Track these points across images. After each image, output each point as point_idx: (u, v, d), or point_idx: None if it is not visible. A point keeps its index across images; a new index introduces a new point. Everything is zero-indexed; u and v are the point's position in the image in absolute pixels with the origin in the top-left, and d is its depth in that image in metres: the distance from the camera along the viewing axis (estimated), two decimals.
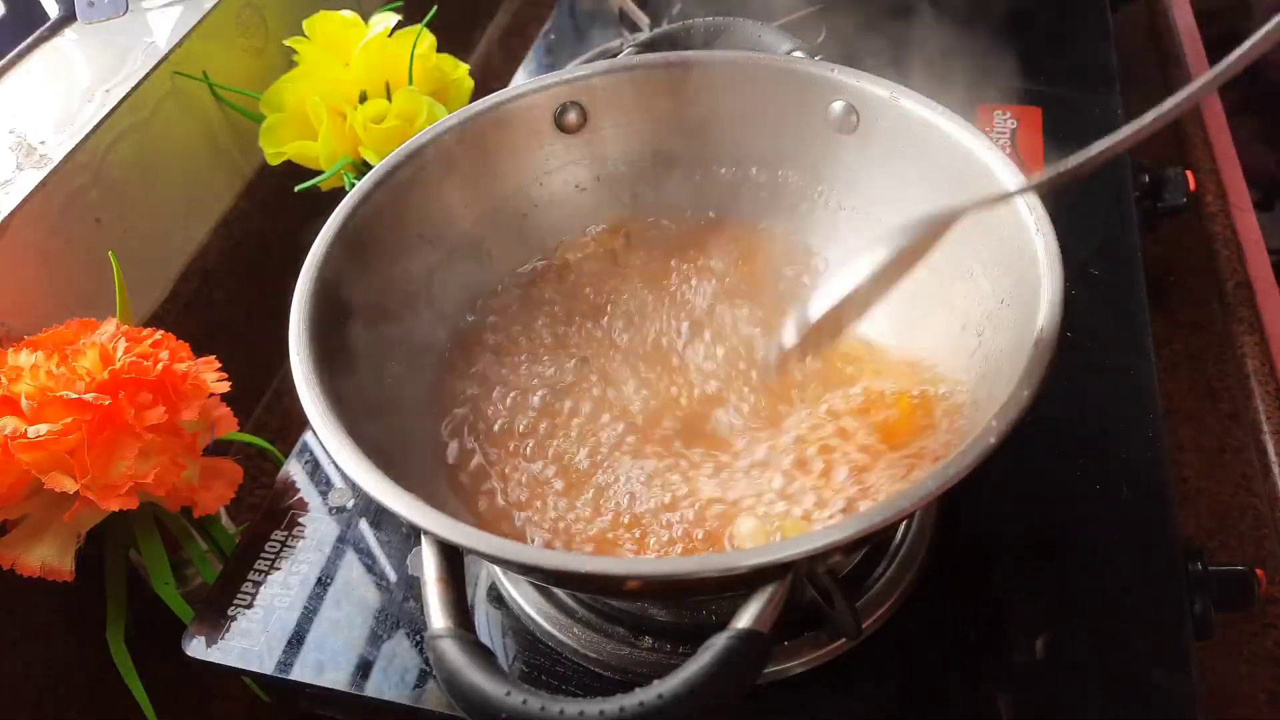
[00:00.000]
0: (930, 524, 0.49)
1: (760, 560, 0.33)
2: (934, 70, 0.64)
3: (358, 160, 0.70)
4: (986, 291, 0.46)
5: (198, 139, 0.72)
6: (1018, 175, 0.44)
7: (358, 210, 0.48)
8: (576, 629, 0.47)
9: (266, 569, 0.52)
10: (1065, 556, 0.48)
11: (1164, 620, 0.46)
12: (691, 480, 0.46)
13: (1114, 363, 0.56)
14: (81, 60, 0.69)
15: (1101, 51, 0.79)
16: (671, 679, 0.31)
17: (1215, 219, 0.79)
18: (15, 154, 0.60)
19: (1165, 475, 0.51)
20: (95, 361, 0.49)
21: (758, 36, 0.61)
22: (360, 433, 0.39)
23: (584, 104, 0.55)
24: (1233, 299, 0.73)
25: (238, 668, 0.48)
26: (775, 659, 0.45)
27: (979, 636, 0.46)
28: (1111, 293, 0.60)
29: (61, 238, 0.60)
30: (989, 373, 0.44)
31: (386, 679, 0.47)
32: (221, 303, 0.73)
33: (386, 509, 0.36)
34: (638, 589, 0.39)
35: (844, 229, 0.55)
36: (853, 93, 0.51)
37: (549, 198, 0.56)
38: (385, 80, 0.71)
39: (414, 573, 0.51)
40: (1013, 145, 0.71)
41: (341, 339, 0.45)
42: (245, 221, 0.75)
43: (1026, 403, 0.36)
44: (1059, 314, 0.39)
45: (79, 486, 0.47)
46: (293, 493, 0.56)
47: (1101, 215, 0.65)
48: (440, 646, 0.34)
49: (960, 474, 0.34)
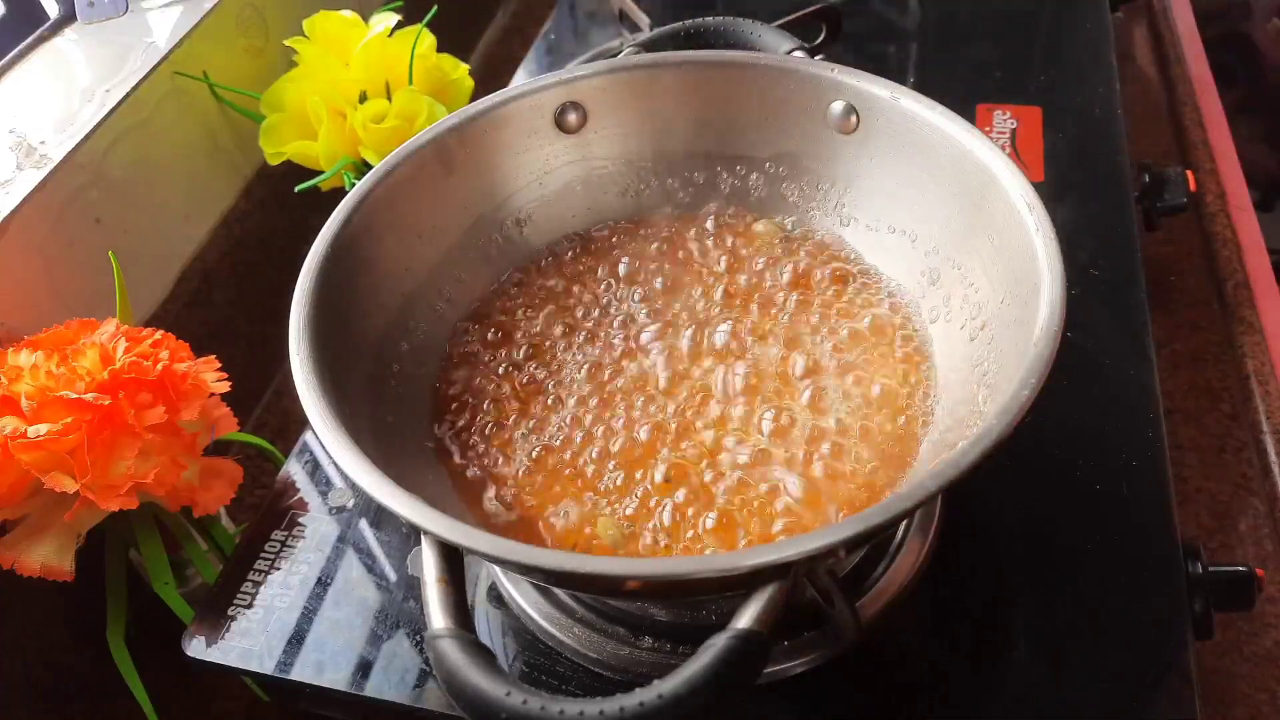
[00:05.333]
0: (930, 524, 0.49)
1: (760, 560, 0.33)
2: (935, 70, 0.64)
3: (358, 160, 0.70)
4: (986, 291, 0.46)
5: (198, 139, 0.72)
6: (1018, 175, 0.44)
7: (358, 210, 0.48)
8: (576, 629, 0.47)
9: (266, 569, 0.52)
10: (1065, 556, 0.48)
11: (1164, 620, 0.46)
12: (697, 481, 0.46)
13: (1114, 363, 0.56)
14: (81, 60, 0.69)
15: (1101, 51, 0.79)
16: (671, 679, 0.31)
17: (1215, 219, 0.79)
18: (15, 154, 0.60)
19: (1165, 475, 0.51)
20: (95, 361, 0.49)
21: (758, 36, 0.61)
22: (360, 433, 0.39)
23: (584, 104, 0.55)
24: (1233, 299, 0.73)
25: (238, 668, 0.48)
26: (775, 659, 0.45)
27: (979, 636, 0.46)
28: (1111, 293, 0.60)
29: (61, 238, 0.60)
30: (989, 373, 0.44)
31: (386, 679, 0.47)
32: (221, 303, 0.73)
33: (386, 509, 0.36)
34: (638, 589, 0.39)
35: (843, 228, 0.55)
36: (853, 93, 0.51)
37: (549, 198, 0.56)
38: (385, 80, 0.71)
39: (414, 573, 0.51)
40: (1013, 145, 0.72)
41: (341, 339, 0.45)
42: (245, 221, 0.75)
43: (1026, 403, 0.36)
44: (1059, 314, 0.39)
45: (79, 486, 0.47)
46: (293, 493, 0.56)
47: (1101, 215, 0.65)
48: (440, 646, 0.34)
49: (960, 474, 0.34)
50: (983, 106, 0.74)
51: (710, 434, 0.47)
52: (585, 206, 0.57)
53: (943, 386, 0.48)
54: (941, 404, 0.47)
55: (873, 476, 0.45)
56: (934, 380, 0.48)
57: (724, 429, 0.47)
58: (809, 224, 0.56)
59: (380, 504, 0.36)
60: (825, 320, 0.52)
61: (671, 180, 0.58)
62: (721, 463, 0.46)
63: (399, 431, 0.47)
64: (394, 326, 0.50)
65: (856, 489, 0.45)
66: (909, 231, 0.52)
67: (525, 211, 0.56)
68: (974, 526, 0.50)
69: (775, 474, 0.45)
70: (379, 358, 0.48)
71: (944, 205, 0.49)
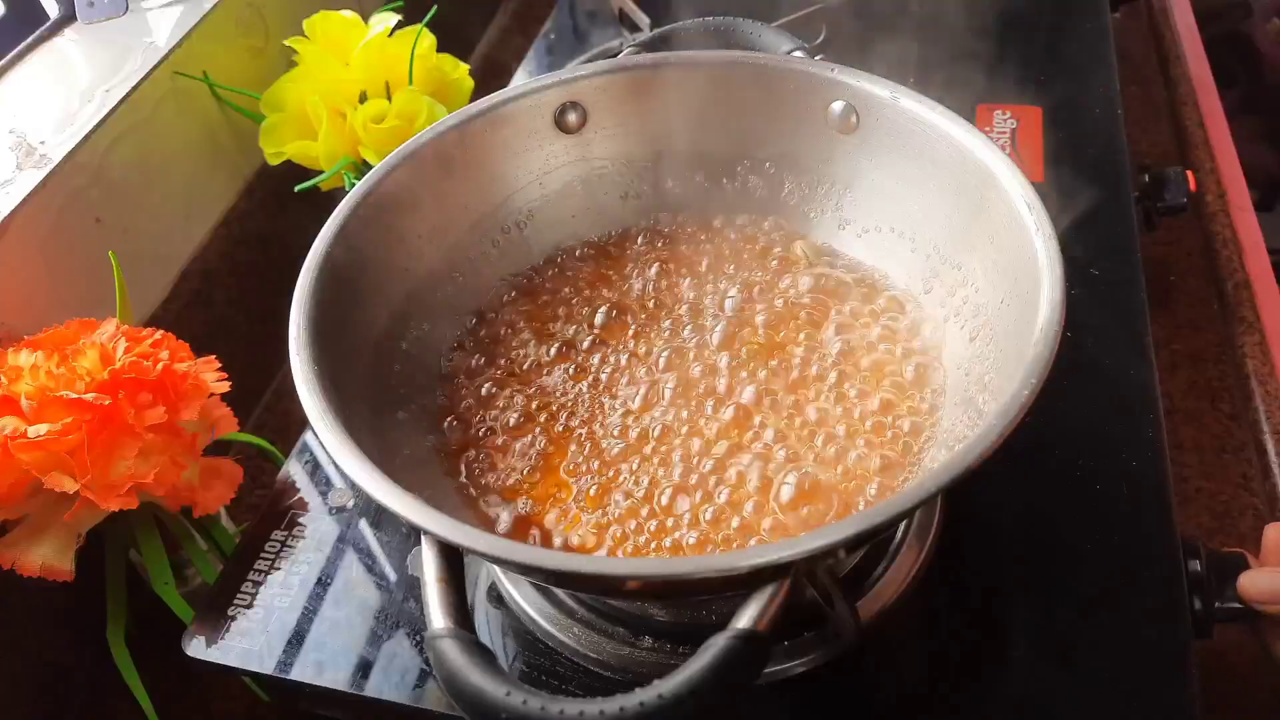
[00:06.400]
0: (930, 524, 0.49)
1: (760, 560, 0.33)
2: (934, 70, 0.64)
3: (358, 160, 0.70)
4: (986, 292, 0.46)
5: (198, 139, 0.72)
6: (1018, 175, 0.44)
7: (358, 210, 0.48)
8: (576, 629, 0.47)
9: (266, 569, 0.52)
10: (1065, 556, 0.48)
11: (1164, 620, 0.46)
12: (698, 482, 0.46)
13: (1114, 363, 0.56)
14: (81, 60, 0.69)
15: (1102, 51, 0.79)
16: (671, 679, 0.31)
17: (1215, 219, 0.79)
18: (15, 154, 0.60)
19: (1165, 475, 0.51)
20: (95, 361, 0.49)
21: (758, 36, 0.61)
22: (360, 433, 0.39)
23: (584, 104, 0.55)
24: (1233, 299, 0.73)
25: (238, 668, 0.48)
26: (775, 659, 0.45)
27: (979, 636, 0.46)
28: (1111, 293, 0.60)
29: (61, 238, 0.60)
30: (989, 373, 0.44)
31: (386, 679, 0.47)
32: (221, 303, 0.73)
33: (386, 509, 0.36)
34: (638, 589, 0.39)
35: (844, 229, 0.55)
36: (853, 93, 0.51)
37: (549, 198, 0.56)
38: (385, 80, 0.71)
39: (414, 573, 0.51)
40: (1013, 145, 0.71)
41: (341, 339, 0.45)
42: (245, 221, 0.75)
43: (1026, 403, 0.36)
44: (1059, 314, 0.39)
45: (79, 486, 0.47)
46: (293, 493, 0.56)
47: (1101, 215, 0.65)
48: (440, 646, 0.34)
49: (960, 474, 0.34)
50: (983, 106, 0.74)
51: (711, 435, 0.47)
52: (585, 206, 0.57)
53: (943, 387, 0.48)
54: (941, 404, 0.47)
55: (873, 477, 0.45)
56: (934, 381, 0.48)
57: (725, 430, 0.47)
58: (809, 224, 0.56)
59: (380, 504, 0.36)
60: (825, 321, 0.52)
61: (671, 180, 0.58)
62: (722, 463, 0.46)
63: (399, 431, 0.47)
64: (394, 326, 0.50)
65: (857, 489, 0.45)
66: (909, 231, 0.52)
67: (525, 211, 0.56)
68: (974, 526, 0.50)
69: (776, 474, 0.45)
70: (379, 358, 0.48)
71: (944, 205, 0.49)
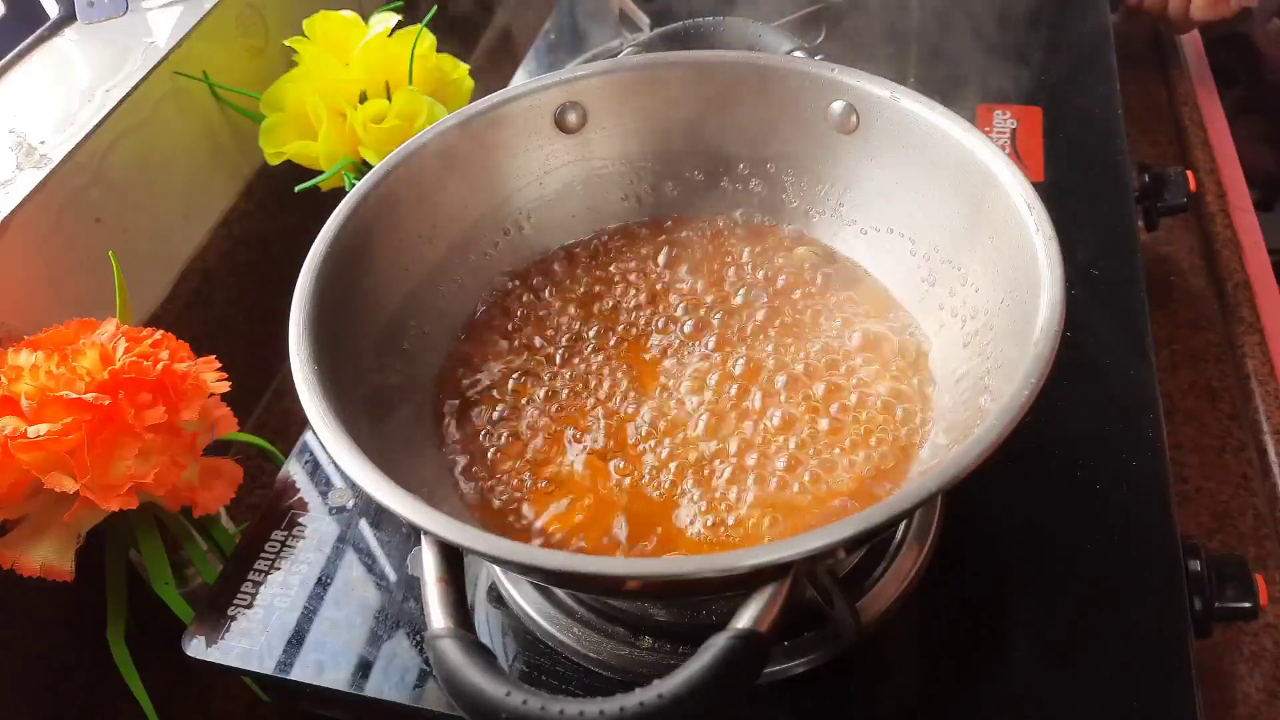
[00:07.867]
0: (930, 524, 0.49)
1: (760, 560, 0.33)
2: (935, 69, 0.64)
3: (358, 160, 0.70)
4: (986, 292, 0.46)
5: (198, 139, 0.72)
6: (1018, 175, 0.44)
7: (358, 210, 0.48)
8: (576, 629, 0.47)
9: (266, 569, 0.52)
10: (1065, 556, 0.48)
11: (1164, 620, 0.46)
12: (698, 483, 0.46)
13: (1114, 363, 0.56)
14: (81, 60, 0.69)
15: (1101, 51, 0.79)
16: (671, 679, 0.31)
17: (1215, 219, 0.79)
18: (15, 154, 0.60)
19: (1165, 475, 0.51)
20: (95, 361, 0.49)
21: (758, 36, 0.61)
22: (360, 433, 0.39)
23: (584, 104, 0.55)
24: (1233, 299, 0.73)
25: (238, 668, 0.48)
26: (775, 659, 0.45)
27: (979, 636, 0.46)
28: (1111, 293, 0.60)
29: (61, 238, 0.60)
30: (989, 373, 0.44)
31: (386, 679, 0.47)
32: (221, 303, 0.73)
33: (386, 509, 0.36)
34: (638, 589, 0.39)
35: (844, 229, 0.55)
36: (853, 93, 0.51)
37: (549, 198, 0.56)
38: (385, 80, 0.71)
39: (414, 573, 0.51)
40: (1013, 145, 0.72)
41: (341, 339, 0.45)
42: (245, 221, 0.75)
43: (1026, 403, 0.36)
44: (1059, 314, 0.39)
45: (79, 486, 0.47)
46: (293, 493, 0.56)
47: (1101, 215, 0.65)
48: (440, 646, 0.34)
49: (960, 474, 0.34)
50: (983, 106, 0.74)
51: (712, 435, 0.47)
52: (585, 206, 0.57)
53: (943, 387, 0.48)
54: (942, 404, 0.47)
55: (874, 477, 0.45)
56: (934, 380, 0.48)
57: (726, 431, 0.47)
58: (809, 224, 0.56)
59: (380, 504, 0.36)
60: (826, 321, 0.52)
61: (671, 180, 0.58)
62: (724, 463, 0.46)
63: (399, 431, 0.47)
64: (394, 326, 0.50)
65: (857, 489, 0.45)
66: (909, 232, 0.52)
67: (525, 211, 0.56)
68: (974, 526, 0.50)
69: (775, 474, 0.45)
70: (379, 357, 0.48)
71: (944, 205, 0.49)
